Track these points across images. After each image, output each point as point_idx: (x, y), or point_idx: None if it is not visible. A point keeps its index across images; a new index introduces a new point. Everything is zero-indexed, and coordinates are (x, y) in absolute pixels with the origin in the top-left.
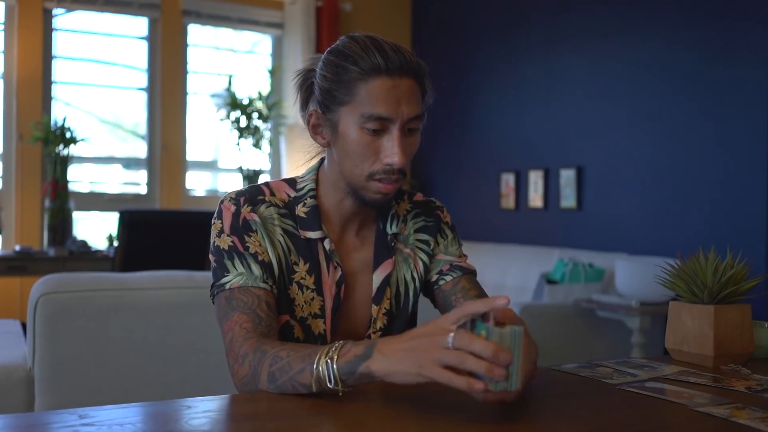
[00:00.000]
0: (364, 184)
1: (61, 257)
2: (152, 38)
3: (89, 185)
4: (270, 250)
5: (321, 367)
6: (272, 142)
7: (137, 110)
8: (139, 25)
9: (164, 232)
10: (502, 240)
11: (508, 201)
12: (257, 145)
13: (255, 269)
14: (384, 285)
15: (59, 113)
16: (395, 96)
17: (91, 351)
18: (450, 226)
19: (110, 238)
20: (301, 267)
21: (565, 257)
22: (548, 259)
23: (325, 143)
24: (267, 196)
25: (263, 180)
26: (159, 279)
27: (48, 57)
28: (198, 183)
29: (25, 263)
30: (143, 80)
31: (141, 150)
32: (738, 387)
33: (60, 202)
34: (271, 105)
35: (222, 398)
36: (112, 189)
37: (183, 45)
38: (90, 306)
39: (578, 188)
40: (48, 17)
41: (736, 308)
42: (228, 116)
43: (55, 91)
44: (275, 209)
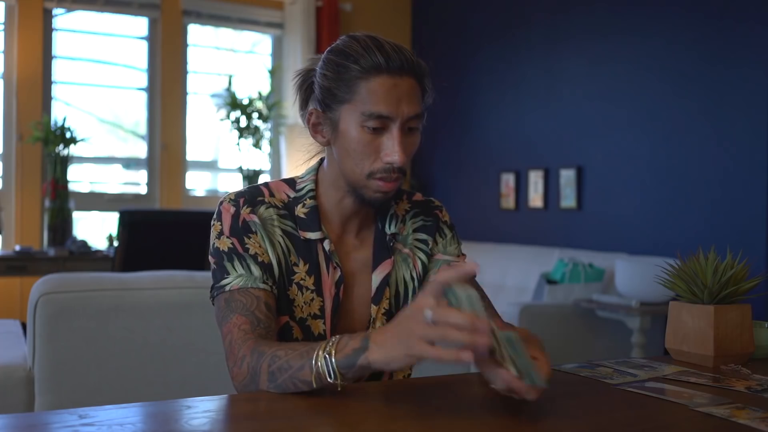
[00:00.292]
0: (365, 183)
1: (61, 257)
2: (152, 38)
3: (89, 185)
4: (270, 252)
5: (320, 363)
6: (272, 142)
7: (137, 110)
8: (139, 25)
9: (164, 232)
10: (502, 240)
11: (508, 201)
12: (257, 145)
13: (255, 270)
14: (383, 285)
15: (59, 113)
16: (396, 95)
17: (91, 351)
18: (449, 226)
19: (110, 238)
20: (301, 268)
21: (565, 257)
22: (548, 259)
23: (325, 142)
24: (266, 197)
25: (263, 180)
26: (159, 279)
27: (48, 57)
28: (198, 183)
29: (25, 263)
30: (143, 80)
31: (141, 150)
32: (738, 387)
33: (60, 202)
34: (271, 105)
35: (222, 398)
36: (112, 189)
37: (183, 45)
38: (90, 306)
39: (578, 188)
40: (48, 17)
41: (736, 308)
42: (228, 116)
43: (55, 91)
44: (275, 210)
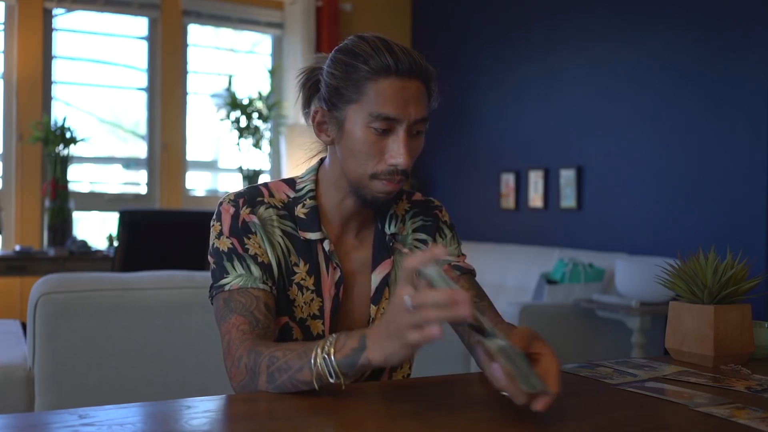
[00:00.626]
0: (367, 184)
1: (61, 257)
2: (152, 38)
3: (89, 185)
4: (269, 252)
5: (319, 364)
6: (272, 142)
7: (137, 110)
8: (139, 25)
9: (164, 232)
10: (502, 240)
11: (508, 201)
12: (257, 145)
13: (255, 271)
14: (382, 285)
15: (59, 113)
16: (403, 97)
17: (91, 351)
18: (449, 225)
19: (110, 238)
20: (301, 268)
21: (565, 257)
22: (548, 259)
23: (329, 141)
24: (266, 198)
25: (263, 180)
26: (159, 279)
27: (48, 57)
28: (198, 183)
29: (25, 263)
30: (143, 80)
31: (141, 150)
32: (738, 387)
33: (60, 202)
34: (271, 105)
35: (222, 398)
36: (112, 189)
37: (183, 45)
38: (90, 306)
39: (578, 188)
40: (48, 17)
41: (736, 308)
42: (228, 116)
43: (55, 91)
44: (274, 210)
